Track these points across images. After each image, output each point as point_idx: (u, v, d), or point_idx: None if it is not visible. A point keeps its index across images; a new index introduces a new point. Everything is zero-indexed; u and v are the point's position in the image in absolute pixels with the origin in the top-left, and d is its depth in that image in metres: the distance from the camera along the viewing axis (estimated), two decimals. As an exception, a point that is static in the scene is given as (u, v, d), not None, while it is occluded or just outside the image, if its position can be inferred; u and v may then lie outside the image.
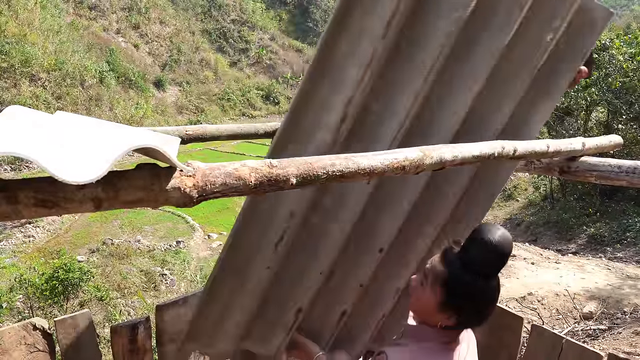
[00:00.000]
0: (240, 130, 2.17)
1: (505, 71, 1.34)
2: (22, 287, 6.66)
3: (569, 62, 1.49)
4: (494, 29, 1.21)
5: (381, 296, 1.67)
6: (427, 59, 1.14)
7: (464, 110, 1.36)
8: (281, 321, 1.49)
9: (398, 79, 1.15)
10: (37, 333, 1.58)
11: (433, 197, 1.56)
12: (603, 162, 1.85)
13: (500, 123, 1.50)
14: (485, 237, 1.12)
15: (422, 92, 1.21)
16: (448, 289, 1.14)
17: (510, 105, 1.48)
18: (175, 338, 1.90)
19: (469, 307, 1.15)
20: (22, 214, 0.62)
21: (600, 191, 10.29)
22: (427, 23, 1.09)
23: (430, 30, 1.10)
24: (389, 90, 1.15)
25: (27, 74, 16.07)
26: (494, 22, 1.19)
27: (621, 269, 5.83)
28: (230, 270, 1.29)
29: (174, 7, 27.98)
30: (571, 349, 1.79)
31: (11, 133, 0.65)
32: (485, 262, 1.12)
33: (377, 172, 1.05)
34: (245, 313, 1.42)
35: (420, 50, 1.12)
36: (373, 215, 1.43)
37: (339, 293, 1.56)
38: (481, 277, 1.13)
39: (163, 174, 0.72)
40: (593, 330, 4.07)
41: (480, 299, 1.15)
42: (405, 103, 1.19)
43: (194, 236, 10.51)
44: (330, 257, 1.43)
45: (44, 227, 10.53)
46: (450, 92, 1.29)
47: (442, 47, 1.13)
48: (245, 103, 26.93)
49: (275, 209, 1.22)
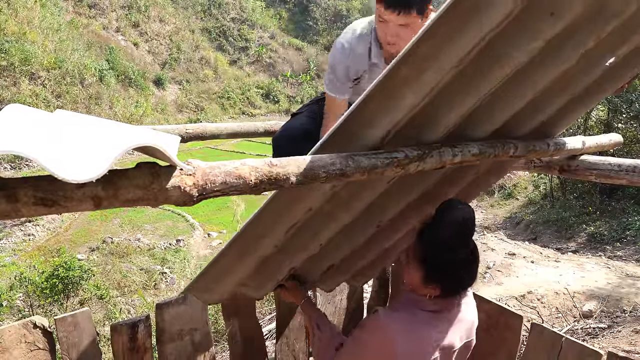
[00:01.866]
0: (240, 128, 2.17)
1: (556, 87, 1.31)
2: (22, 285, 6.66)
3: (616, 81, 1.47)
4: (564, 55, 1.14)
5: (367, 253, 1.83)
6: (488, 86, 1.10)
7: (504, 120, 1.35)
8: (275, 276, 1.68)
9: (452, 101, 1.12)
10: (38, 331, 1.58)
11: (445, 186, 1.61)
12: (603, 161, 1.85)
13: (530, 128, 1.51)
14: (450, 213, 1.26)
15: (469, 111, 1.19)
16: (426, 265, 1.27)
17: (551, 112, 1.48)
18: (176, 337, 1.90)
19: (449, 277, 1.28)
20: (22, 213, 0.62)
21: (600, 190, 10.29)
22: (502, 55, 1.02)
23: (503, 60, 1.04)
24: (437, 112, 1.13)
25: (27, 72, 16.05)
26: (566, 46, 1.11)
27: (621, 268, 5.83)
28: (242, 242, 1.38)
29: (173, 5, 27.94)
30: (571, 348, 1.79)
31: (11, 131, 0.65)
32: (454, 236, 1.25)
33: (377, 171, 1.05)
34: (245, 272, 1.55)
35: (484, 79, 1.07)
36: (381, 203, 1.49)
37: (331, 254, 1.70)
38: (454, 249, 1.26)
39: (163, 172, 0.72)
40: (593, 328, 4.08)
41: (458, 269, 1.28)
42: (448, 122, 1.18)
43: (194, 235, 10.51)
44: (332, 234, 1.53)
45: (44, 225, 10.54)
46: (493, 108, 1.26)
47: (507, 76, 1.08)
48: (245, 101, 26.91)
49: (296, 203, 1.27)
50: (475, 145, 1.25)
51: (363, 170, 1.02)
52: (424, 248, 1.29)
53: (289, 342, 2.38)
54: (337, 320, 2.58)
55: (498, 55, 1.02)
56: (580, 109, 1.61)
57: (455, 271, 1.28)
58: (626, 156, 8.43)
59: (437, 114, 1.15)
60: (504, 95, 1.21)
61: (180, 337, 1.90)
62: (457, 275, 1.29)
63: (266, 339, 3.84)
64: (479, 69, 1.04)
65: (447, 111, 1.15)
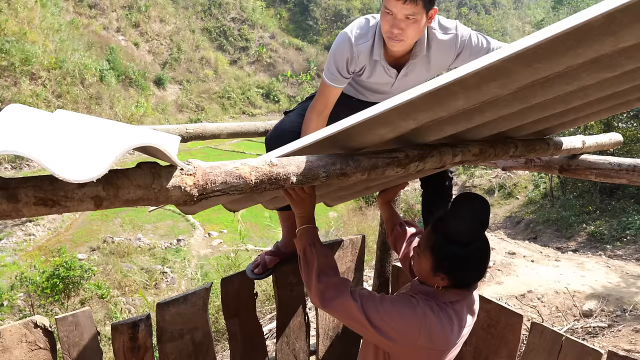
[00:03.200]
0: (241, 128, 2.17)
1: (586, 95, 1.19)
2: (23, 285, 6.67)
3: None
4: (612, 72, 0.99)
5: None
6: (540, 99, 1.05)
7: (508, 128, 1.33)
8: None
9: (457, 120, 1.09)
10: (38, 331, 1.58)
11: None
12: (603, 160, 1.85)
13: (533, 131, 1.49)
14: (466, 209, 1.27)
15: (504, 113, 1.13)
16: (436, 256, 1.28)
17: (556, 122, 1.45)
18: (176, 336, 1.90)
19: (458, 271, 1.29)
20: (22, 213, 0.62)
21: (600, 189, 10.29)
22: (576, 77, 0.93)
23: (571, 82, 0.95)
24: (444, 126, 1.11)
25: (27, 72, 16.06)
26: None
27: (621, 267, 5.83)
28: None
29: (174, 5, 27.94)
30: (571, 347, 1.79)
31: (12, 131, 0.65)
32: (468, 231, 1.26)
33: (378, 171, 1.06)
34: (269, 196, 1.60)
35: (537, 94, 1.01)
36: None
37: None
38: (465, 245, 1.26)
39: (163, 172, 0.72)
40: (593, 327, 4.08)
41: (467, 264, 1.28)
42: (453, 131, 1.16)
43: (195, 234, 10.52)
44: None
45: (44, 225, 10.54)
46: (523, 118, 1.23)
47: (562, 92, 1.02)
48: (246, 101, 26.91)
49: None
50: (475, 145, 1.26)
51: (363, 170, 1.03)
52: (436, 238, 1.29)
53: (290, 341, 2.38)
54: (336, 320, 2.58)
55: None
56: (591, 117, 1.57)
57: (465, 264, 1.28)
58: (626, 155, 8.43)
59: (444, 128, 1.14)
60: (514, 114, 1.17)
61: (181, 337, 1.90)
62: (465, 271, 1.30)
63: (266, 338, 3.85)
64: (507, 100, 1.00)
65: (453, 125, 1.13)
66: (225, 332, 4.09)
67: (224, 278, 2.09)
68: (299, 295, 2.32)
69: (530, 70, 0.81)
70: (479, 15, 43.16)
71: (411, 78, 1.78)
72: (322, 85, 1.82)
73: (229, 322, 2.13)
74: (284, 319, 2.35)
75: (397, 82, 1.80)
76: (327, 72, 1.80)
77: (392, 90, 1.83)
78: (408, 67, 1.74)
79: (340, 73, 1.75)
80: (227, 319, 2.12)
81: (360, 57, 1.71)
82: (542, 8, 48.23)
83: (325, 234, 9.08)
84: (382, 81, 1.80)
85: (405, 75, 1.77)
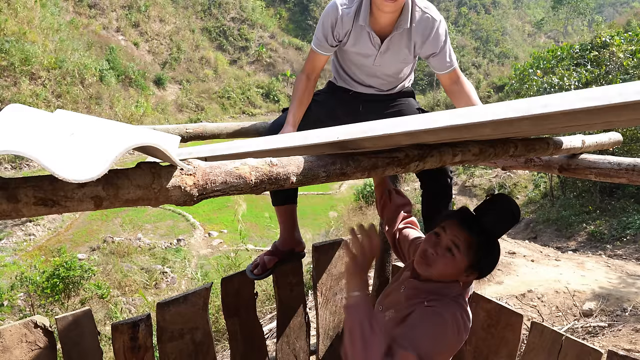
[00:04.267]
0: (241, 128, 2.17)
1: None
2: (23, 285, 6.68)
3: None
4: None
5: None
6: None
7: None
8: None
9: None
10: (38, 331, 1.58)
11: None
12: (603, 160, 1.85)
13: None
14: (505, 207, 1.36)
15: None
16: (478, 254, 1.32)
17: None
18: (176, 336, 1.90)
19: (490, 265, 1.38)
20: (22, 213, 0.62)
21: (600, 189, 10.29)
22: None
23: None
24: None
25: (27, 72, 16.06)
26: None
27: (621, 267, 5.83)
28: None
29: (173, 5, 27.94)
30: (571, 346, 1.79)
31: (11, 131, 0.65)
32: (505, 228, 1.36)
33: (378, 171, 1.06)
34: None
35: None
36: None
37: None
38: (498, 241, 1.36)
39: (163, 172, 0.72)
40: (593, 327, 4.08)
41: (498, 257, 1.37)
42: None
43: (195, 234, 10.53)
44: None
45: (44, 225, 10.55)
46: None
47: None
48: (246, 101, 26.92)
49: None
50: (475, 145, 1.25)
51: (363, 170, 1.03)
52: (476, 238, 1.32)
53: (290, 341, 2.38)
54: (337, 320, 2.58)
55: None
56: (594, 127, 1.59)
57: (495, 261, 1.37)
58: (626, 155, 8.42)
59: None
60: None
61: (181, 336, 1.90)
62: (495, 264, 1.38)
63: (267, 338, 3.85)
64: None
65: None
66: (225, 331, 4.09)
67: (224, 278, 2.09)
68: (299, 295, 2.32)
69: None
70: (478, 15, 43.15)
71: (391, 55, 1.86)
72: (310, 51, 1.95)
73: (229, 321, 2.13)
74: (284, 318, 2.34)
75: (379, 58, 1.87)
76: (314, 39, 1.91)
77: (374, 66, 1.90)
78: (391, 38, 1.81)
79: (326, 39, 1.85)
80: (227, 318, 2.12)
81: (344, 19, 1.79)
82: (542, 8, 48.23)
83: (325, 234, 9.08)
84: (365, 51, 1.87)
85: (387, 49, 1.84)
